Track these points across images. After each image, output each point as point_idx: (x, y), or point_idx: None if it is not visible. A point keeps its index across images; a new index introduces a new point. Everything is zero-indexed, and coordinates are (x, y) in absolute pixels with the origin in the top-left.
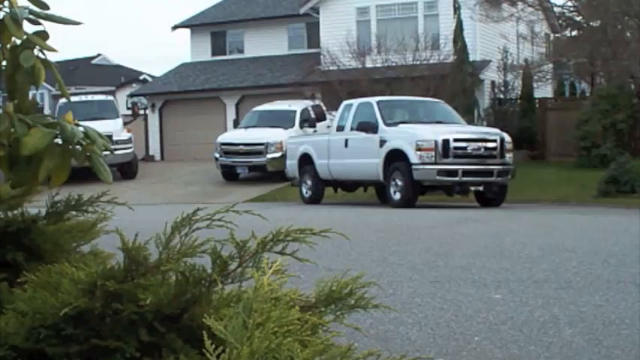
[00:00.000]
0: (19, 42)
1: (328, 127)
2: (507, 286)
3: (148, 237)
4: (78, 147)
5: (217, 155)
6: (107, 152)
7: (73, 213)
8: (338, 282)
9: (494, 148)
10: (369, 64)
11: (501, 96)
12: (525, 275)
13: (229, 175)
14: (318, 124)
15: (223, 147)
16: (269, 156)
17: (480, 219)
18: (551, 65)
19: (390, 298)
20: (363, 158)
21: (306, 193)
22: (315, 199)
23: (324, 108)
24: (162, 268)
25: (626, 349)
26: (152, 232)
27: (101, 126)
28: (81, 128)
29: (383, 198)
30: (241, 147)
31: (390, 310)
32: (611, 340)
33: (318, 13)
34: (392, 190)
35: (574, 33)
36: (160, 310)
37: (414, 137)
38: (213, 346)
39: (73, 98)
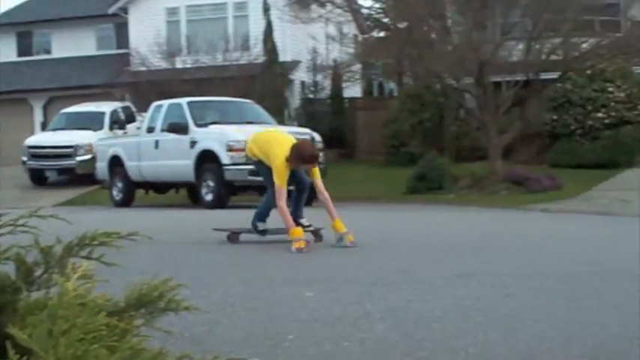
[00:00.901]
0: None
1: (138, 128)
2: (320, 284)
3: None
4: None
5: (25, 159)
6: None
7: None
8: (148, 285)
9: None
10: (179, 65)
11: (311, 96)
12: (337, 273)
13: (38, 179)
14: (128, 126)
15: (31, 150)
16: (78, 158)
17: None
18: (359, 65)
19: (203, 300)
20: (174, 159)
21: (117, 195)
22: (126, 201)
23: (133, 109)
24: None
25: (436, 341)
26: None
27: None
28: None
29: (195, 199)
30: (49, 150)
31: (204, 312)
32: (423, 334)
33: (127, 13)
34: (204, 191)
35: (382, 34)
36: None
37: (225, 138)
38: (18, 355)
39: None
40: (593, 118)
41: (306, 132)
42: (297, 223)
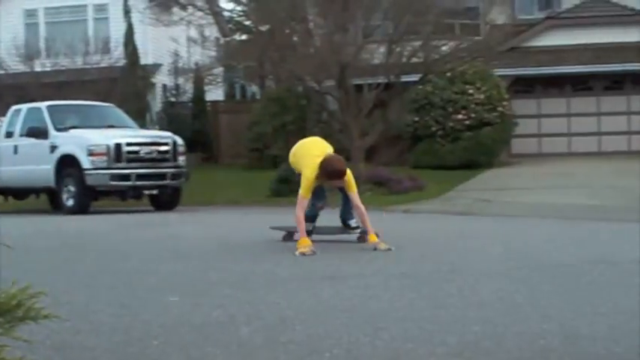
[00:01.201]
0: None
1: None
2: (184, 288)
3: None
4: None
5: None
6: None
7: None
8: (6, 294)
9: (167, 152)
10: (38, 68)
11: (173, 99)
12: (201, 277)
13: None
14: None
15: None
16: None
17: (155, 223)
18: (221, 69)
19: (65, 307)
20: (34, 165)
21: None
22: None
23: None
24: None
25: (301, 343)
26: None
27: None
28: None
29: (56, 205)
30: None
31: (65, 320)
32: (287, 336)
33: None
34: (65, 196)
35: (244, 37)
36: None
37: (86, 142)
38: None
39: None
40: (454, 120)
41: (168, 135)
42: (347, 225)
